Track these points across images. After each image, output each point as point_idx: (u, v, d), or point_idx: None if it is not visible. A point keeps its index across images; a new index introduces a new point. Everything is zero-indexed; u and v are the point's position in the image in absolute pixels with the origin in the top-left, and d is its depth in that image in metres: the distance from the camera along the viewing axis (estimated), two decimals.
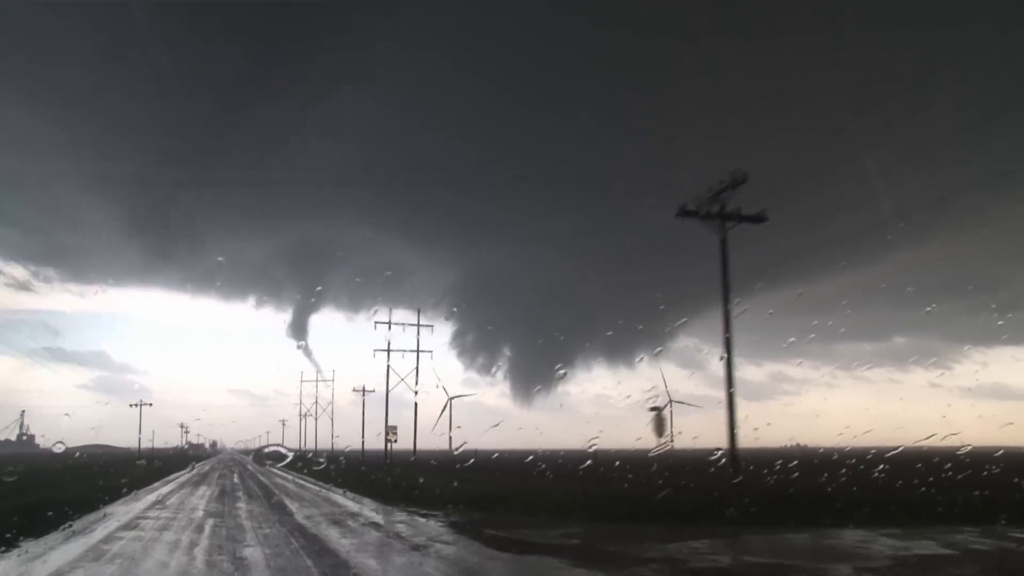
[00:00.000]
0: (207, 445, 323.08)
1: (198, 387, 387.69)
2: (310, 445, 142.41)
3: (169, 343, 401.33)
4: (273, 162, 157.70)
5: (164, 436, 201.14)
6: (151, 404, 72.77)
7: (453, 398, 68.98)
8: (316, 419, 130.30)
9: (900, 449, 23.45)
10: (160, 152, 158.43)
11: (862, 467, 27.71)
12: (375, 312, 70.72)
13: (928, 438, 20.08)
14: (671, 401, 50.47)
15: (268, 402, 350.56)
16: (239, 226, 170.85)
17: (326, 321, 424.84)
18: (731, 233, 28.08)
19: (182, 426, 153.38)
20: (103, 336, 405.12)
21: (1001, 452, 29.52)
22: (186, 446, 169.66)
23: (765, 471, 29.72)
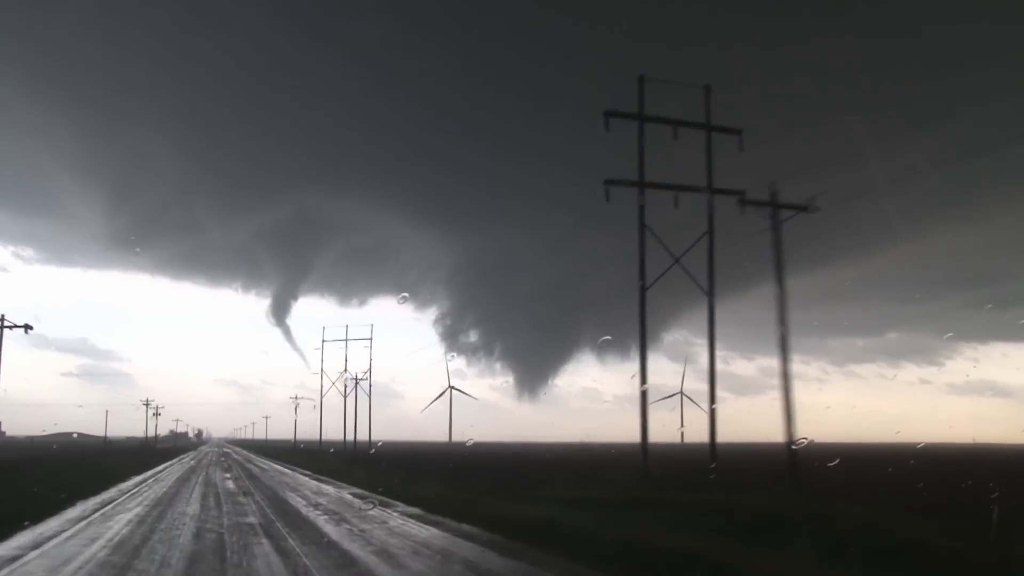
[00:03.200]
0: (192, 435, 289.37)
1: (184, 375, 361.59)
2: (329, 436, 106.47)
3: (154, 330, 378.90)
4: (265, 137, 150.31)
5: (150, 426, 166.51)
6: (31, 327, 32.53)
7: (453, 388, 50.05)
8: (344, 397, 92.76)
9: None
10: (149, 127, 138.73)
11: None
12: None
13: None
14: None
15: (254, 392, 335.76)
16: (227, 205, 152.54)
17: (312, 307, 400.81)
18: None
19: (147, 403, 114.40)
20: (86, 322, 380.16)
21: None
22: (157, 436, 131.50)
23: None
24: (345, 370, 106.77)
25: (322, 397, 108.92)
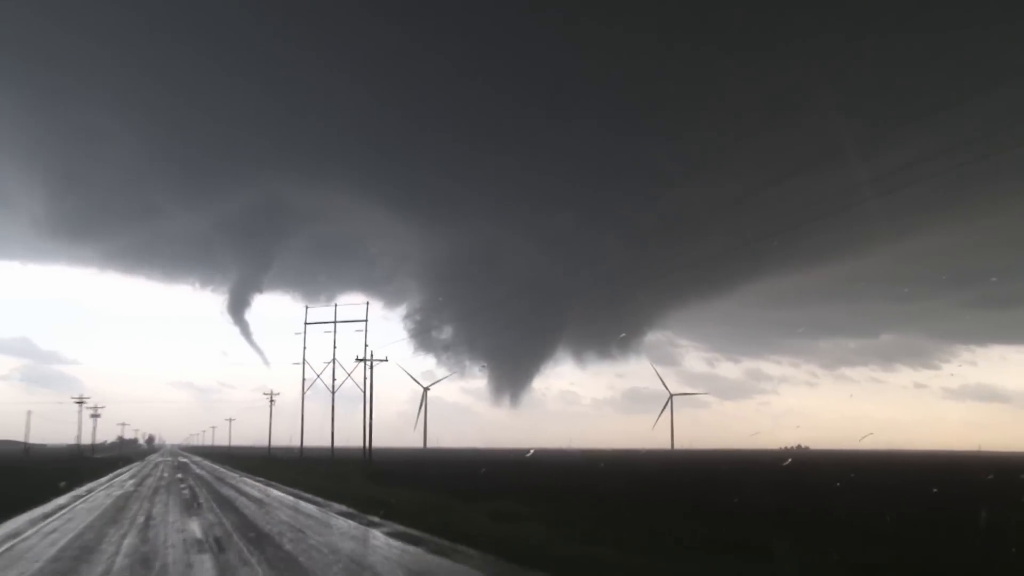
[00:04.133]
0: (142, 441, 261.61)
1: (135, 377, 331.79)
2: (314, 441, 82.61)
3: (103, 329, 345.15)
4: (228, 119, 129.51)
5: (99, 432, 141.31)
6: None
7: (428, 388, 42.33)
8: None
9: None
10: (94, 98, 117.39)
11: None
12: None
13: None
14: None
15: (211, 395, 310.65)
16: (184, 189, 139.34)
17: (274, 304, 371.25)
18: None
19: (80, 402, 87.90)
20: (27, 320, 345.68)
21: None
22: (97, 443, 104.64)
23: None
24: (333, 359, 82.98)
25: (304, 391, 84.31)
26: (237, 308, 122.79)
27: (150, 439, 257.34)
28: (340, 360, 78.64)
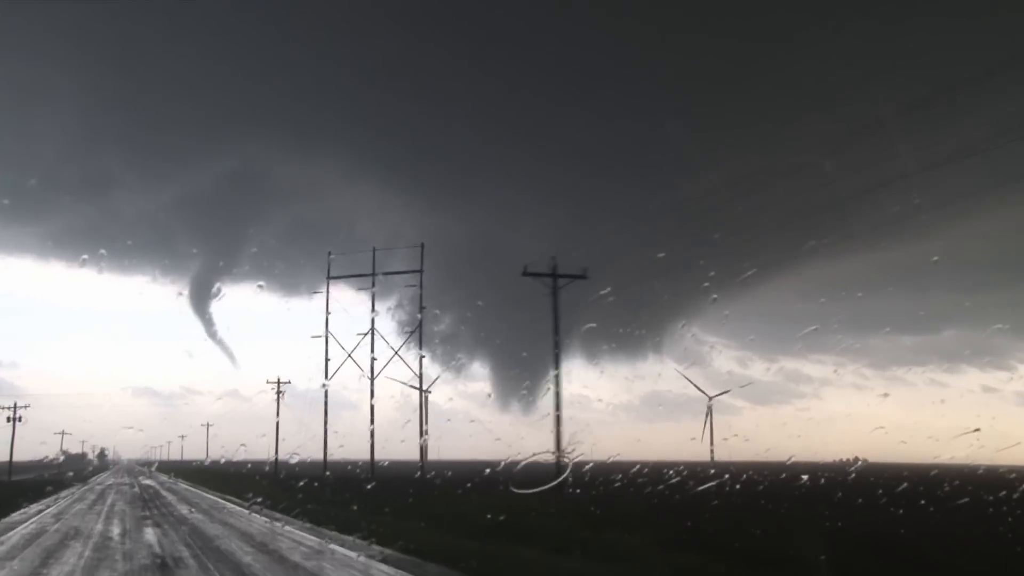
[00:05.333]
0: (92, 456, 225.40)
1: (84, 382, 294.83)
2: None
3: (44, 327, 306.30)
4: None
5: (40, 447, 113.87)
6: None
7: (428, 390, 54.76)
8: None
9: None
10: (33, 57, 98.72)
11: None
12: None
13: None
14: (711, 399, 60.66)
15: (175, 402, 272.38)
16: (137, 163, 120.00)
17: (247, 297, 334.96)
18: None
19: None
20: None
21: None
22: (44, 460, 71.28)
23: None
24: (372, 328, 58.31)
25: (328, 376, 56.64)
26: (201, 301, 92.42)
27: (101, 453, 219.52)
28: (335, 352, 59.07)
